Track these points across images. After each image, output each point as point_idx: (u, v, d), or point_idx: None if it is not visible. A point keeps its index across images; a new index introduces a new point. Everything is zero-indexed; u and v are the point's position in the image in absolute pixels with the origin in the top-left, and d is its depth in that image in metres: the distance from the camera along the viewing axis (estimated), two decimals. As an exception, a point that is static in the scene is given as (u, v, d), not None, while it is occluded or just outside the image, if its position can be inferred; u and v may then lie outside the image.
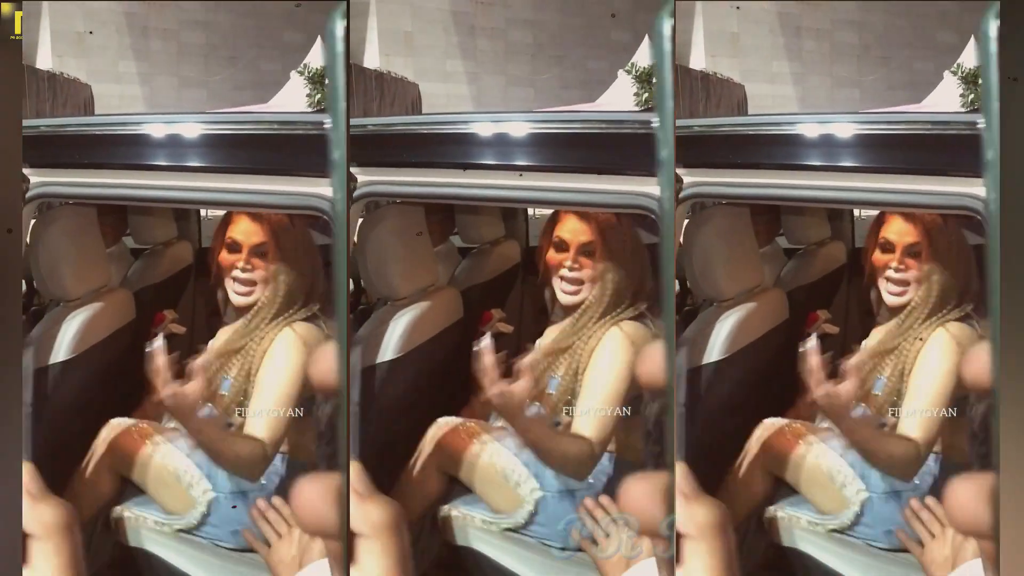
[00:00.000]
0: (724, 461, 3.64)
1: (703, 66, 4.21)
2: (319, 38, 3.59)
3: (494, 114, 3.78)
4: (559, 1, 4.30)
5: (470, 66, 4.27)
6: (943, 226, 3.52)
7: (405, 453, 3.66)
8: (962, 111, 3.71)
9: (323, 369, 3.50)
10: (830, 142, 3.57)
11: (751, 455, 3.62)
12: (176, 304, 3.95)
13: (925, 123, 3.57)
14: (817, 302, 3.90)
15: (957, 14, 4.19)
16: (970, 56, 3.68)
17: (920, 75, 4.22)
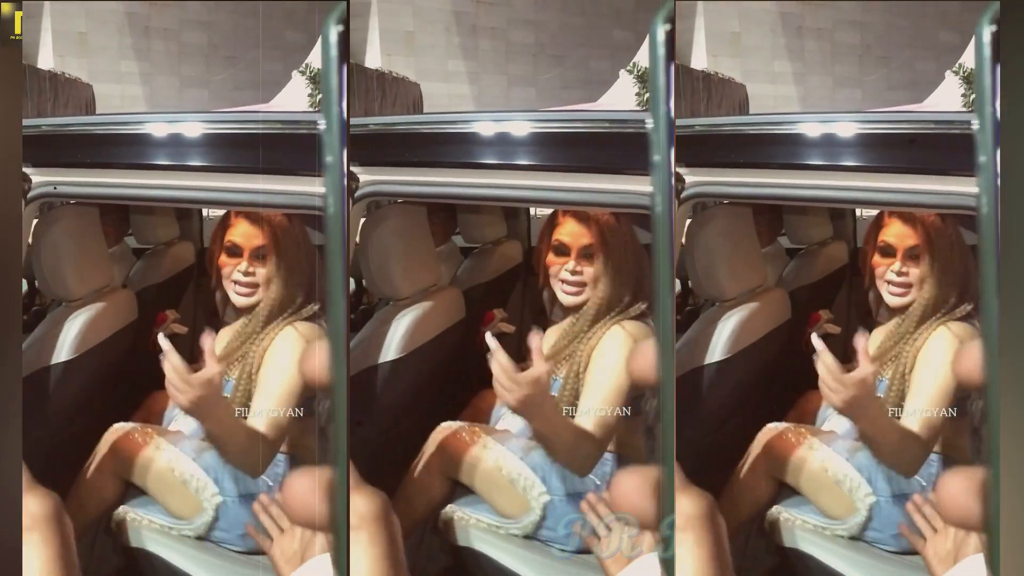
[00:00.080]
0: (726, 461, 3.63)
1: (704, 66, 4.21)
2: (320, 38, 3.58)
3: (496, 113, 3.77)
4: (560, 1, 4.30)
5: (471, 66, 4.27)
6: (942, 227, 3.52)
7: (407, 453, 3.66)
8: (964, 110, 3.71)
9: (316, 366, 3.50)
10: (832, 141, 3.57)
11: (753, 458, 3.61)
12: (178, 304, 3.95)
13: (927, 122, 3.57)
14: (819, 302, 3.90)
15: (958, 14, 4.20)
16: (971, 56, 3.69)
17: (921, 75, 4.23)
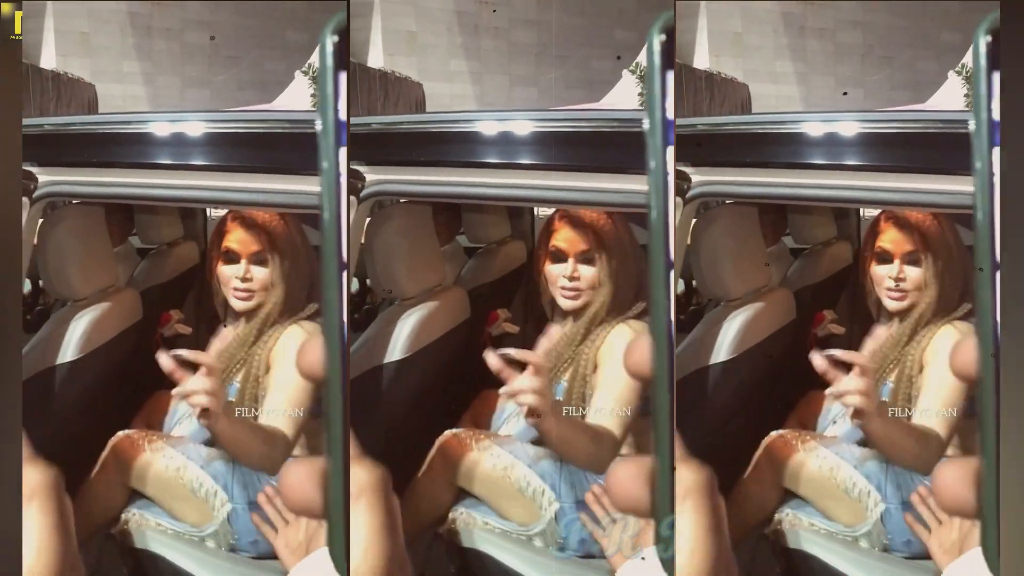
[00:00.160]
0: (731, 461, 3.63)
1: (707, 66, 4.21)
2: (319, 46, 3.58)
3: (498, 112, 3.77)
4: (562, 1, 4.30)
5: (474, 66, 4.27)
6: (938, 230, 3.52)
7: (413, 453, 3.65)
8: (966, 110, 3.71)
9: (312, 360, 3.50)
10: (835, 141, 3.57)
11: (758, 466, 3.61)
12: (182, 304, 3.94)
13: (930, 121, 3.57)
14: (823, 302, 3.90)
15: (961, 14, 4.20)
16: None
17: (923, 75, 4.22)
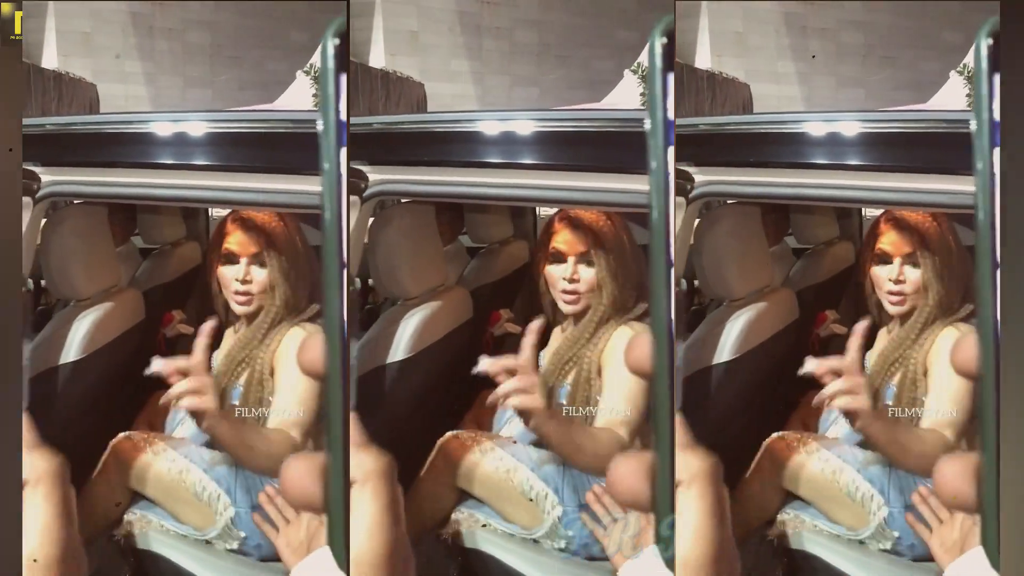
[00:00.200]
0: (734, 461, 3.63)
1: (709, 66, 4.21)
2: (320, 48, 3.58)
3: (500, 112, 3.77)
4: (565, 1, 4.30)
5: (476, 66, 4.27)
6: (937, 231, 3.52)
7: (416, 454, 3.66)
8: (968, 110, 3.71)
9: (312, 357, 3.51)
10: (836, 141, 3.57)
11: (761, 469, 3.61)
12: (184, 304, 3.95)
13: (931, 121, 3.57)
14: (825, 302, 3.90)
15: (962, 14, 4.20)
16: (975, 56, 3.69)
17: (925, 75, 4.23)
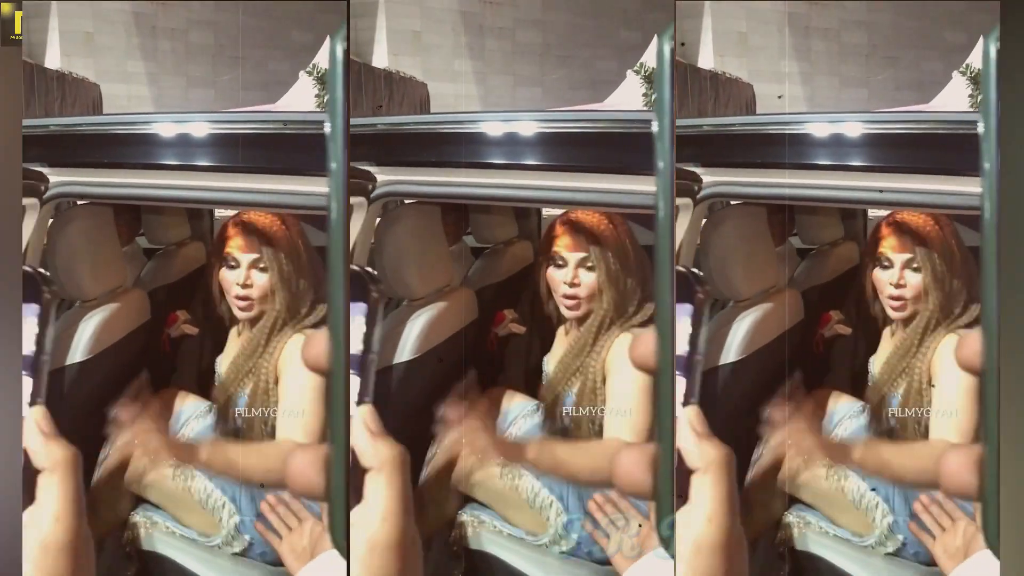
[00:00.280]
0: (739, 462, 3.63)
1: (711, 66, 4.20)
2: (328, 38, 3.58)
3: (503, 113, 3.78)
4: (568, 1, 4.29)
5: (478, 66, 4.26)
6: (940, 235, 3.52)
7: (421, 454, 3.66)
8: (971, 111, 3.71)
9: (316, 353, 3.51)
10: (840, 141, 3.57)
11: (765, 473, 3.62)
12: (189, 305, 3.94)
13: (935, 122, 3.57)
14: (830, 302, 3.90)
15: (966, 14, 4.19)
16: (979, 56, 3.69)
17: (928, 75, 4.22)
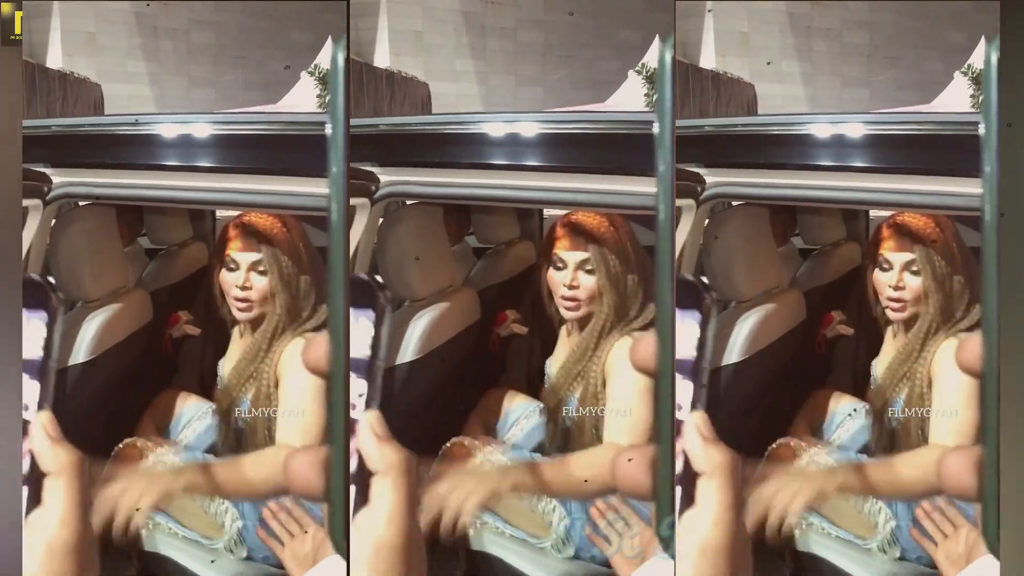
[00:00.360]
0: (742, 462, 3.63)
1: (713, 65, 4.20)
2: (329, 39, 3.57)
3: (504, 114, 3.78)
4: (569, 1, 4.29)
5: (480, 66, 4.25)
6: (941, 237, 3.52)
7: (424, 455, 3.65)
8: (972, 111, 3.71)
9: (316, 355, 3.51)
10: (841, 142, 3.58)
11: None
12: (191, 305, 3.94)
13: (937, 123, 3.58)
14: (832, 303, 3.91)
15: (967, 14, 4.19)
16: (980, 57, 3.69)
17: (930, 75, 4.22)
